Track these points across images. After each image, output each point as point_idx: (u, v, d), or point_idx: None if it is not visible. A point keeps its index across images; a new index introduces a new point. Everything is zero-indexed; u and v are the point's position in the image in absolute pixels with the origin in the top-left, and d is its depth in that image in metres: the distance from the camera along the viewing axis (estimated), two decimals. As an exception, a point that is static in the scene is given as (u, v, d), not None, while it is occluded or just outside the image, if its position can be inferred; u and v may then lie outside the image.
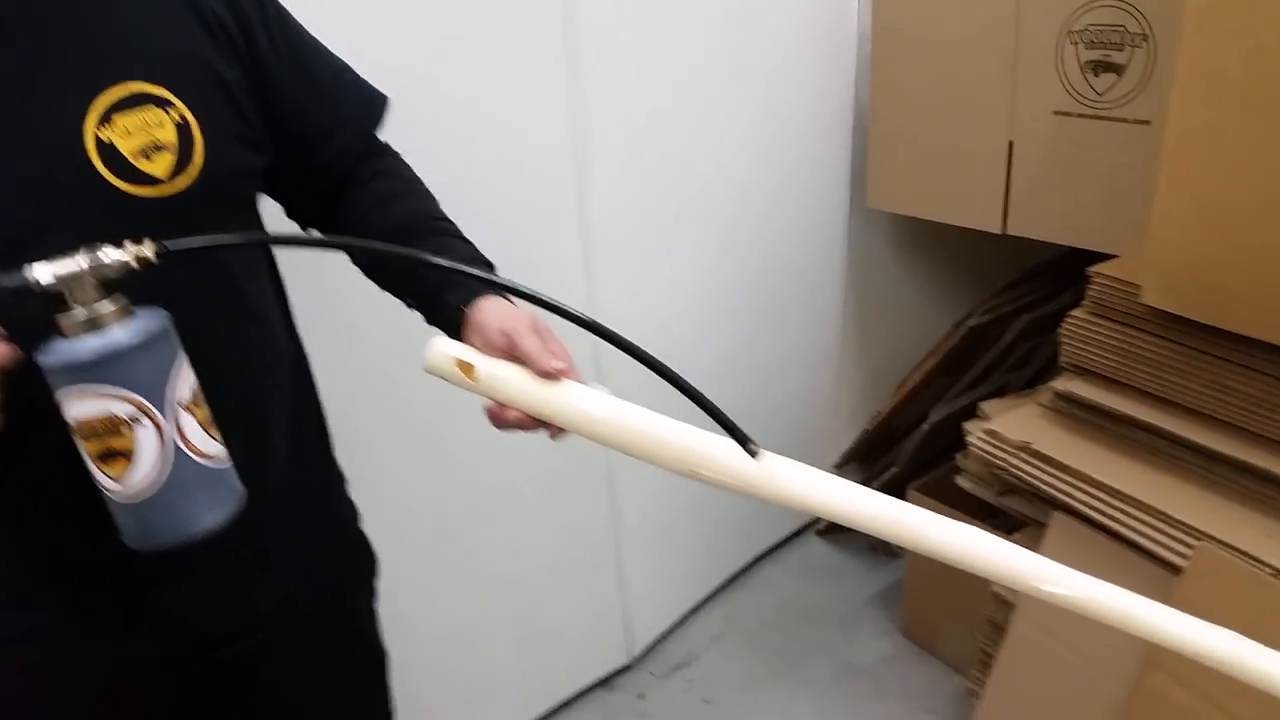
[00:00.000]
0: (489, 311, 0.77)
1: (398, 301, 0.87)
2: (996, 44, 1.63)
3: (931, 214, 1.89)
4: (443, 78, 1.35)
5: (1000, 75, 1.63)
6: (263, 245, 0.89)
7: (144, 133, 0.70)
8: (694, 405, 0.69)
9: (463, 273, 0.73)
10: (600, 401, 0.74)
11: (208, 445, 0.67)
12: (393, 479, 1.46)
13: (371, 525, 1.05)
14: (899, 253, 2.24)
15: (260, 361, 0.86)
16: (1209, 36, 1.18)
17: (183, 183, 0.72)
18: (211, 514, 0.67)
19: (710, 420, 0.70)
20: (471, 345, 0.77)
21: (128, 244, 0.62)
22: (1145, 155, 1.49)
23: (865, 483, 2.25)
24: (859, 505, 0.72)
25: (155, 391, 0.63)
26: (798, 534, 2.40)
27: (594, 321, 0.69)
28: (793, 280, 2.08)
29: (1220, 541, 1.27)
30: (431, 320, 0.84)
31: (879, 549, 2.32)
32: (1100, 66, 1.50)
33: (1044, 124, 1.60)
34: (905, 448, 2.05)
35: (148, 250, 0.62)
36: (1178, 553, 1.31)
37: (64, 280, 0.60)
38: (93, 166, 0.68)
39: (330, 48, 0.89)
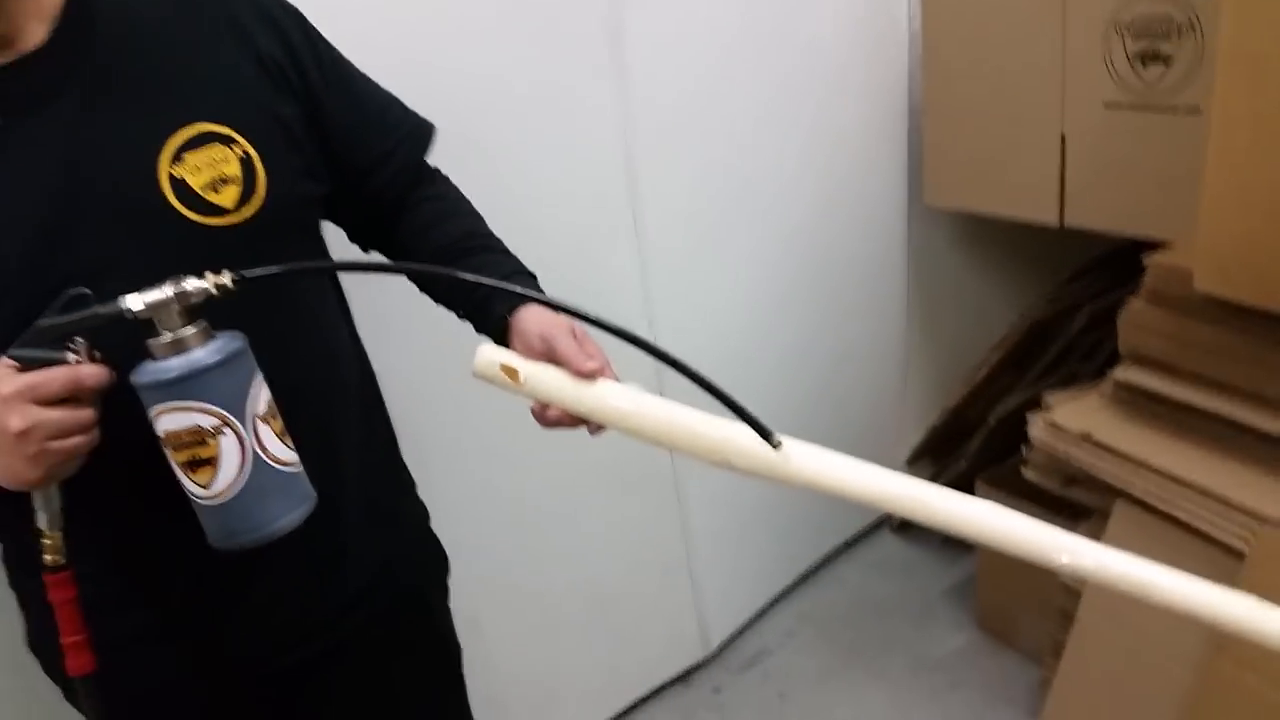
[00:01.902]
0: (529, 319, 0.85)
1: (451, 314, 0.96)
2: (1044, 39, 1.64)
3: (989, 209, 1.90)
4: (493, 98, 1.42)
5: (1050, 69, 1.65)
6: (326, 271, 0.98)
7: (211, 168, 0.79)
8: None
9: (497, 287, 0.83)
10: (633, 397, 0.81)
11: (283, 452, 0.75)
12: (462, 484, 1.53)
13: (441, 530, 1.12)
14: (960, 248, 2.25)
15: (330, 373, 0.94)
16: (1248, 24, 1.19)
17: (248, 212, 0.81)
18: (288, 514, 0.75)
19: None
20: (515, 350, 0.85)
21: (208, 274, 0.70)
22: (1197, 143, 1.48)
23: (934, 479, 2.27)
24: (882, 486, 0.77)
25: (235, 405, 0.72)
26: (871, 530, 2.42)
27: (612, 324, 0.75)
28: (854, 280, 2.11)
29: (1282, 525, 1.27)
30: (480, 329, 0.93)
31: (952, 543, 2.32)
32: (1148, 57, 1.50)
33: (1095, 116, 1.61)
34: (973, 442, 2.06)
35: (226, 279, 0.71)
36: (1240, 537, 1.31)
37: (153, 307, 0.69)
38: (167, 201, 0.77)
39: (381, 78, 0.97)
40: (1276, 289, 1.27)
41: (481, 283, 0.84)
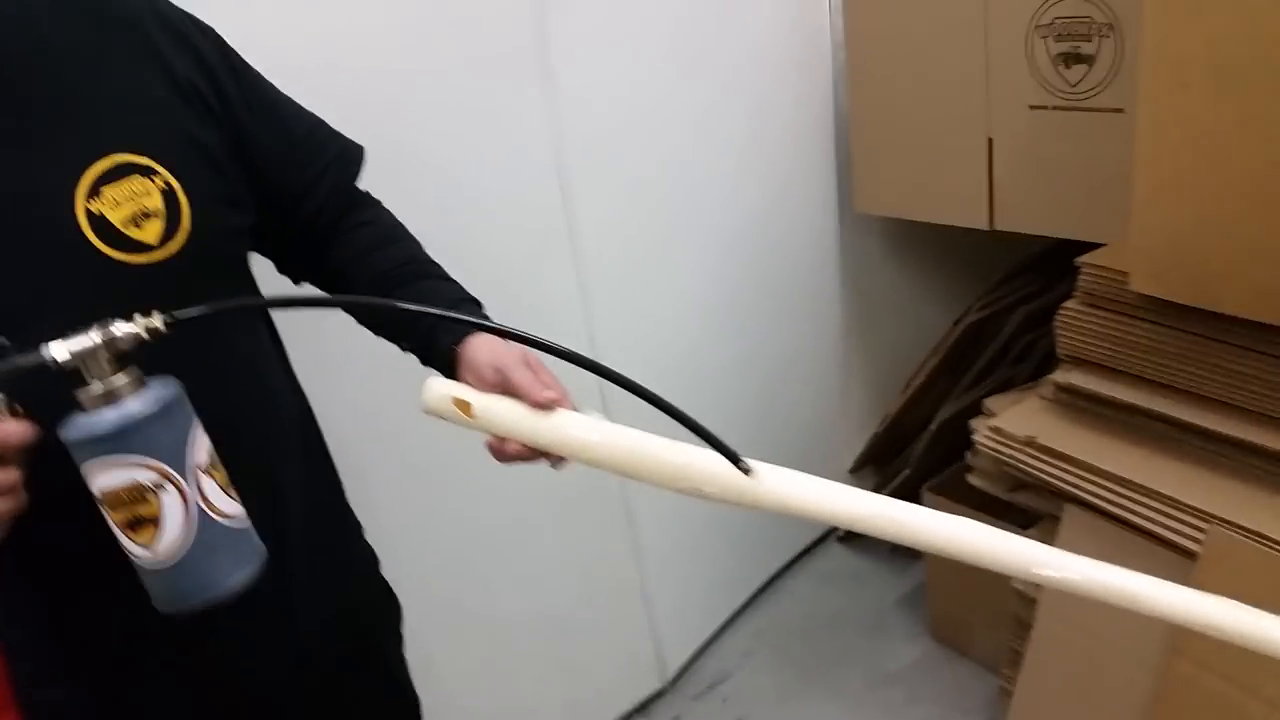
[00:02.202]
0: (479, 349, 0.80)
1: (393, 346, 0.90)
2: (967, 43, 1.64)
3: (919, 214, 1.90)
4: (424, 117, 1.37)
5: (974, 73, 1.64)
6: (263, 309, 0.92)
7: (132, 202, 0.72)
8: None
9: (445, 316, 0.77)
10: (595, 427, 0.77)
11: (228, 506, 0.69)
12: (406, 522, 1.47)
13: (390, 571, 1.06)
14: (893, 254, 2.24)
15: (266, 413, 0.88)
16: (1168, 24, 1.18)
17: (173, 247, 0.74)
18: (237, 573, 0.69)
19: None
20: (466, 383, 0.80)
21: (138, 317, 0.64)
22: (1122, 143, 1.49)
23: (879, 487, 2.27)
24: (854, 507, 0.74)
25: (176, 457, 0.66)
26: (819, 542, 2.40)
27: (569, 350, 0.72)
28: (790, 289, 2.09)
29: (1232, 523, 1.27)
30: (426, 361, 0.87)
31: (901, 551, 2.31)
32: (1070, 58, 1.50)
33: (1021, 119, 1.61)
34: (915, 449, 2.05)
35: (158, 321, 0.65)
36: (1191, 538, 1.30)
37: (79, 356, 0.63)
38: (85, 239, 0.70)
39: (302, 95, 0.91)
40: (1210, 287, 1.27)
41: (426, 312, 0.79)
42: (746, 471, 0.72)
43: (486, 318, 0.86)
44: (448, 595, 1.57)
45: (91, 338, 0.63)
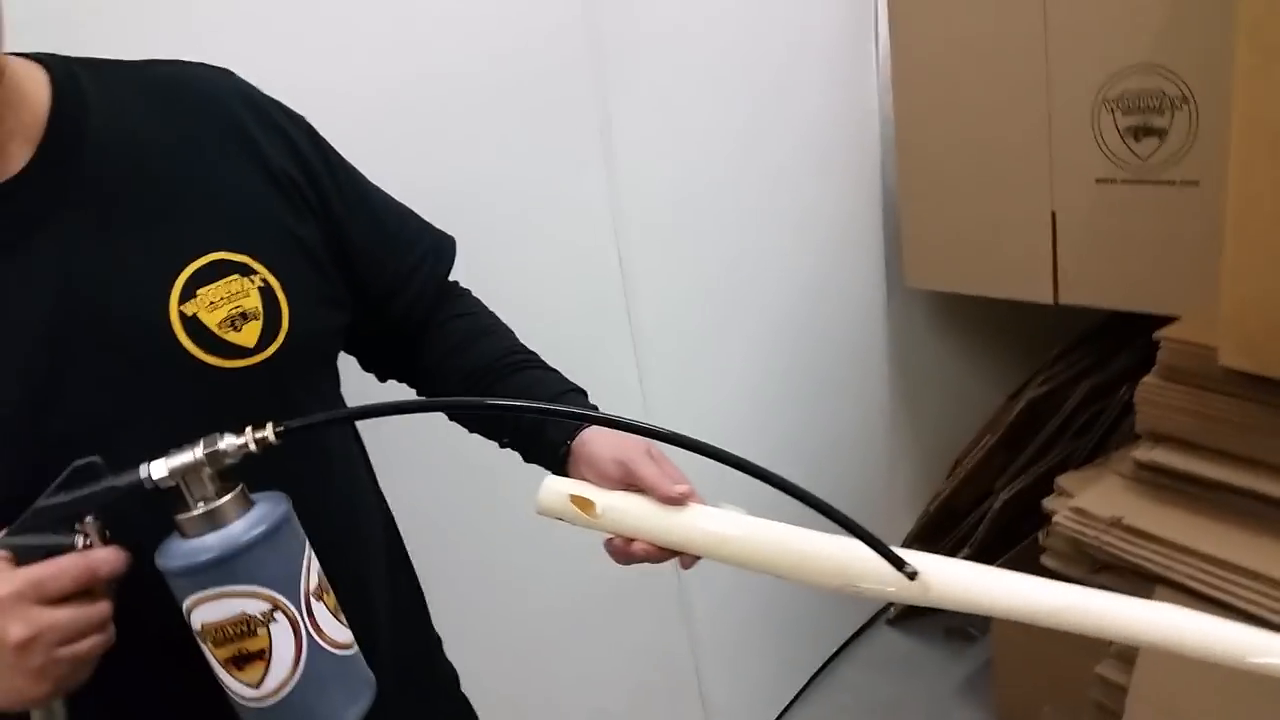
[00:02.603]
0: (599, 442, 0.75)
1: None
2: (1029, 117, 1.63)
3: (977, 289, 1.87)
4: (489, 201, 1.35)
5: (1036, 148, 1.63)
6: (381, 415, 0.87)
7: (229, 303, 0.68)
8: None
9: (566, 412, 0.73)
10: (733, 522, 0.72)
11: (339, 633, 0.63)
12: (460, 615, 1.40)
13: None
14: (940, 329, 2.22)
15: (359, 526, 0.83)
16: (1263, 97, 1.17)
17: (271, 349, 0.70)
18: (351, 707, 0.63)
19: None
20: (583, 479, 0.75)
21: (247, 429, 0.59)
22: (1198, 216, 1.49)
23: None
24: (1035, 597, 0.68)
25: (287, 583, 0.60)
26: (868, 625, 2.32)
27: (713, 447, 0.67)
28: (839, 366, 2.05)
29: (1344, 606, 1.22)
30: (530, 458, 0.82)
31: (956, 634, 2.24)
32: (1141, 131, 1.49)
33: (1087, 192, 1.59)
34: (978, 528, 1.99)
35: (268, 433, 0.60)
36: (1298, 620, 1.25)
37: (180, 473, 0.57)
38: (179, 343, 0.66)
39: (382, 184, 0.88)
40: (1309, 361, 1.24)
41: (545, 411, 0.74)
42: (911, 576, 0.67)
43: (595, 408, 0.82)
44: (503, 694, 1.49)
45: (194, 453, 0.58)
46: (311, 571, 0.62)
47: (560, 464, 0.78)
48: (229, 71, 0.77)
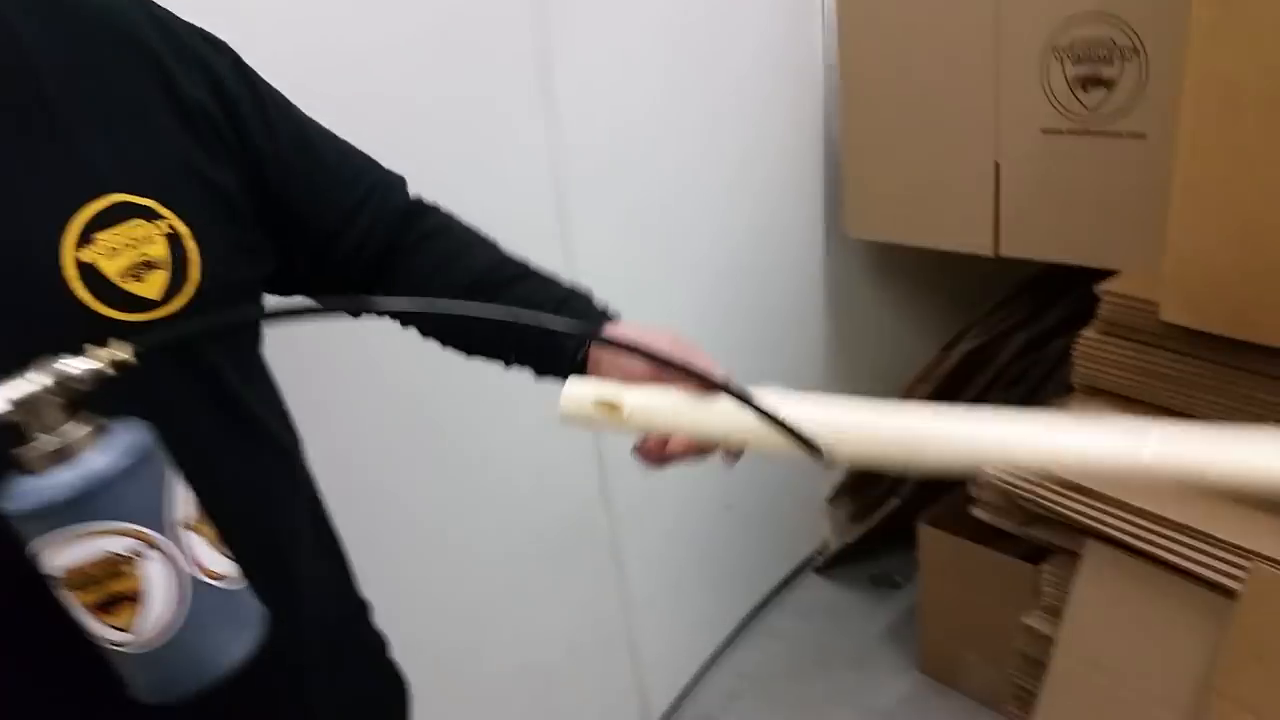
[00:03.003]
0: (620, 337, 0.68)
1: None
2: (976, 65, 1.60)
3: (917, 240, 1.85)
4: (425, 143, 1.26)
5: (982, 96, 1.60)
6: (278, 320, 0.78)
7: (131, 250, 0.60)
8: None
9: (579, 322, 0.70)
10: (785, 403, 0.64)
11: (221, 564, 0.57)
12: (389, 575, 1.35)
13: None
14: (878, 278, 2.20)
15: (275, 476, 0.75)
16: (1218, 51, 1.15)
17: (179, 303, 0.62)
18: (237, 644, 0.57)
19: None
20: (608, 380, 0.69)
21: (96, 350, 0.52)
22: (1143, 169, 1.47)
23: (860, 517, 2.21)
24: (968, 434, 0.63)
25: (155, 515, 0.53)
26: (796, 573, 2.33)
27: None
28: (777, 312, 2.03)
29: (1272, 560, 1.24)
30: (544, 371, 0.76)
31: (880, 581, 2.26)
32: (1089, 81, 1.47)
33: (1032, 143, 1.57)
34: (903, 480, 2.00)
35: (123, 352, 0.53)
36: (1230, 575, 1.27)
37: (22, 405, 0.50)
38: (73, 294, 0.58)
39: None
40: (1249, 318, 1.24)
41: (558, 329, 0.69)
42: (822, 454, 0.64)
43: (606, 309, 0.77)
44: (430, 651, 1.44)
45: (38, 380, 0.50)
46: (181, 501, 0.55)
47: (579, 370, 0.72)
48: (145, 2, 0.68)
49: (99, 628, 0.53)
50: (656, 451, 0.68)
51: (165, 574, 0.53)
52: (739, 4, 1.75)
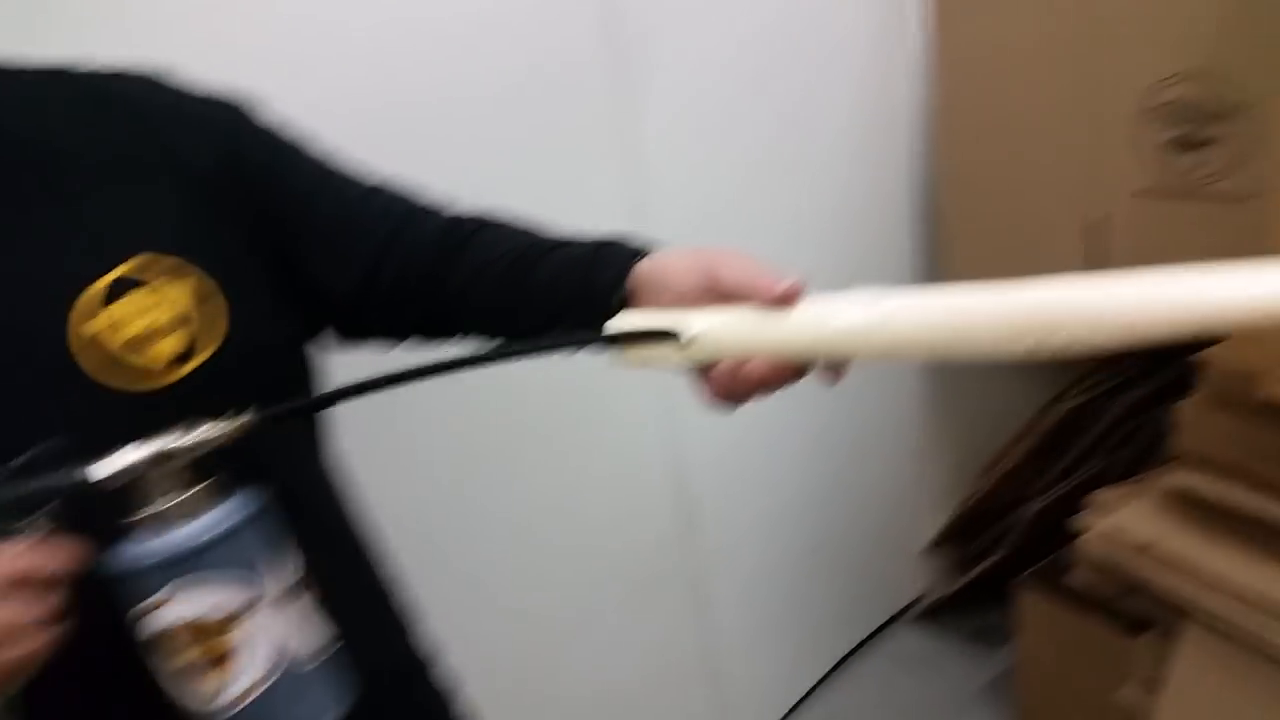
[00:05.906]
0: (665, 260, 0.63)
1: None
2: (1069, 125, 1.57)
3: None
4: (509, 199, 1.32)
5: (1075, 158, 1.57)
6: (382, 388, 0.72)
7: (142, 317, 0.61)
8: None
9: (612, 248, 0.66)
10: (867, 305, 0.56)
11: (317, 633, 0.59)
12: (463, 602, 1.39)
13: (449, 655, 0.97)
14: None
15: (331, 537, 0.79)
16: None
17: (185, 370, 0.63)
18: (327, 712, 0.59)
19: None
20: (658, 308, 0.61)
21: (213, 423, 0.55)
22: (1241, 231, 1.42)
23: (961, 569, 2.17)
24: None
25: (260, 581, 0.56)
26: (892, 621, 2.30)
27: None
28: (871, 369, 2.02)
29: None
30: (588, 323, 0.68)
31: (985, 635, 2.22)
32: (1185, 144, 1.43)
33: (1125, 205, 1.54)
34: (1009, 534, 1.96)
35: (243, 420, 0.55)
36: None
37: (131, 472, 0.53)
38: (78, 367, 0.59)
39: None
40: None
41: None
42: (683, 341, 0.57)
43: (640, 247, 0.68)
44: (506, 683, 1.49)
45: (153, 447, 0.53)
46: (288, 567, 0.58)
47: (621, 308, 0.64)
48: (152, 78, 0.71)
49: (191, 689, 0.55)
50: (729, 383, 0.59)
51: (261, 640, 0.55)
52: (831, 61, 1.77)
